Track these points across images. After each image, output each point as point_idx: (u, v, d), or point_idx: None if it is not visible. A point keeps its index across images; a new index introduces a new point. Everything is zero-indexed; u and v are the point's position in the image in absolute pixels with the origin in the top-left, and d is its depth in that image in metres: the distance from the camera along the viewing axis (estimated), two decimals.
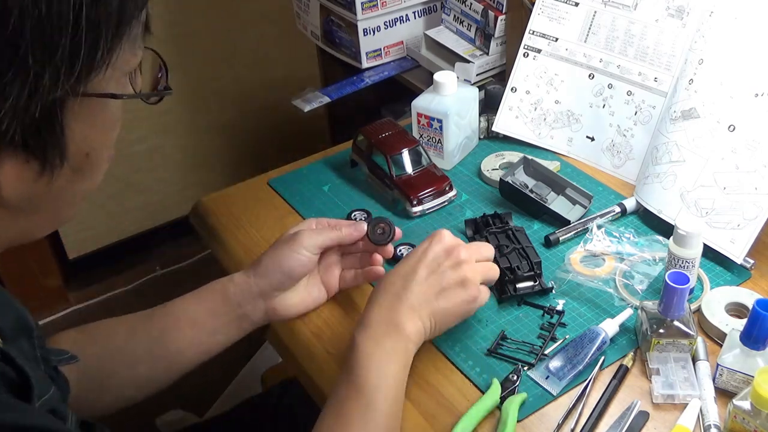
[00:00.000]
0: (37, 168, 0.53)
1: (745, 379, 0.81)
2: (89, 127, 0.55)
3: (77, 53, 0.49)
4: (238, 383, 1.81)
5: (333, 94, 1.53)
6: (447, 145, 1.20)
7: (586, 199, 1.10)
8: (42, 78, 0.48)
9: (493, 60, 1.42)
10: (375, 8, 1.52)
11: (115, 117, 0.58)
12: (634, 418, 0.82)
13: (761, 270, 1.00)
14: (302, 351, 0.94)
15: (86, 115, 0.54)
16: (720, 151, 1.02)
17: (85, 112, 0.53)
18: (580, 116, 1.22)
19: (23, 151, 0.51)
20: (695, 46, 1.10)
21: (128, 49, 0.54)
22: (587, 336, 0.89)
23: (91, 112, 0.54)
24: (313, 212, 1.15)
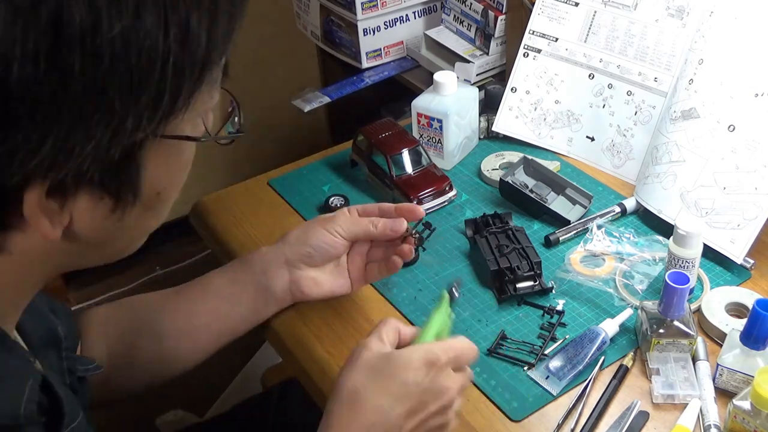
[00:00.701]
0: (111, 205, 0.53)
1: (745, 379, 0.81)
2: (163, 168, 0.55)
3: (161, 98, 0.49)
4: (238, 383, 1.81)
5: (333, 94, 1.53)
6: (447, 145, 1.20)
7: (586, 199, 1.10)
8: (125, 122, 0.48)
9: (493, 60, 1.42)
10: (375, 8, 1.52)
11: (187, 158, 0.58)
12: (634, 418, 0.82)
13: (761, 270, 1.00)
14: (302, 351, 0.94)
15: (162, 156, 0.54)
16: (720, 151, 1.02)
17: (161, 153, 0.54)
18: (580, 116, 1.22)
19: (99, 189, 0.51)
20: (695, 46, 1.10)
21: (206, 92, 0.54)
22: (587, 336, 0.89)
23: (166, 153, 0.55)
24: (313, 212, 1.15)
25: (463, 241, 1.07)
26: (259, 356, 1.82)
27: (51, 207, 0.50)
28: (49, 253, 0.55)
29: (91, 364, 0.74)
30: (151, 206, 0.57)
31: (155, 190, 0.56)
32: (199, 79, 0.52)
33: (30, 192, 0.48)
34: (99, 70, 0.45)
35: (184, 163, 0.58)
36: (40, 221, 0.50)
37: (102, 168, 0.50)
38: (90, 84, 0.45)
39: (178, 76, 0.49)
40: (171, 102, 0.50)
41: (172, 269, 2.22)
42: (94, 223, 0.53)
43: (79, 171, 0.48)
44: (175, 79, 0.49)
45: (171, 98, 0.50)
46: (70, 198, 0.51)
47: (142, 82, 0.47)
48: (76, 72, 0.44)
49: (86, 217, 0.52)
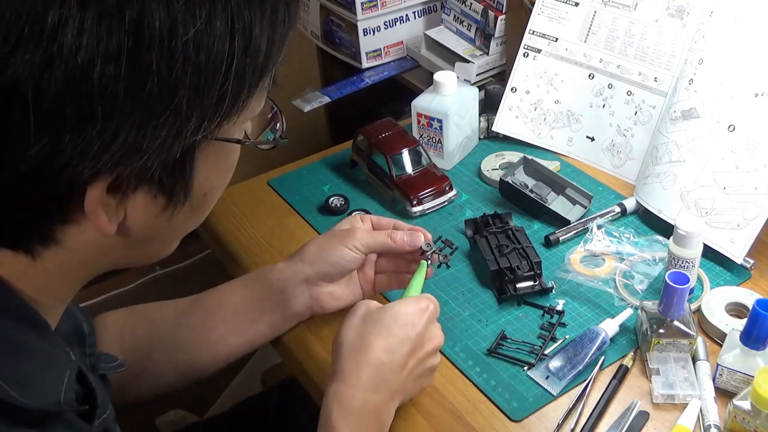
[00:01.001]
0: (163, 203, 0.55)
1: (745, 379, 0.81)
2: (213, 169, 0.57)
3: (223, 101, 0.51)
4: (238, 383, 1.81)
5: (333, 94, 1.53)
6: (447, 145, 1.20)
7: (586, 199, 1.10)
8: (190, 122, 0.50)
9: (493, 60, 1.42)
10: (375, 8, 1.52)
11: (234, 161, 0.60)
12: (634, 418, 0.82)
13: (761, 270, 1.00)
14: (302, 351, 0.94)
15: (213, 158, 0.56)
16: (720, 151, 1.02)
17: (212, 155, 0.56)
18: (580, 116, 1.22)
19: (156, 187, 0.53)
20: (695, 46, 1.10)
21: (257, 98, 0.57)
22: (587, 336, 0.89)
23: (217, 156, 0.57)
24: (313, 212, 1.15)
25: (463, 241, 1.07)
26: (259, 356, 1.82)
27: (110, 203, 0.52)
28: (99, 249, 0.56)
29: (114, 362, 0.75)
30: (197, 207, 0.59)
31: (203, 190, 0.58)
32: (256, 85, 0.54)
33: (94, 187, 0.50)
34: (173, 70, 0.48)
35: (230, 165, 0.60)
36: (99, 216, 0.52)
37: (162, 166, 0.52)
38: (164, 83, 0.48)
39: (239, 81, 0.51)
40: (230, 105, 0.52)
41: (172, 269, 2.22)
42: (146, 221, 0.55)
43: (143, 168, 0.50)
44: (236, 84, 0.51)
45: (231, 102, 0.52)
46: (129, 195, 0.53)
47: (208, 84, 0.50)
48: (153, 71, 0.47)
49: (140, 214, 0.54)
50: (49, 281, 0.58)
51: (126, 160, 0.49)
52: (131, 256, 0.61)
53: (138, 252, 0.61)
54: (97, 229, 0.52)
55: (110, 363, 0.75)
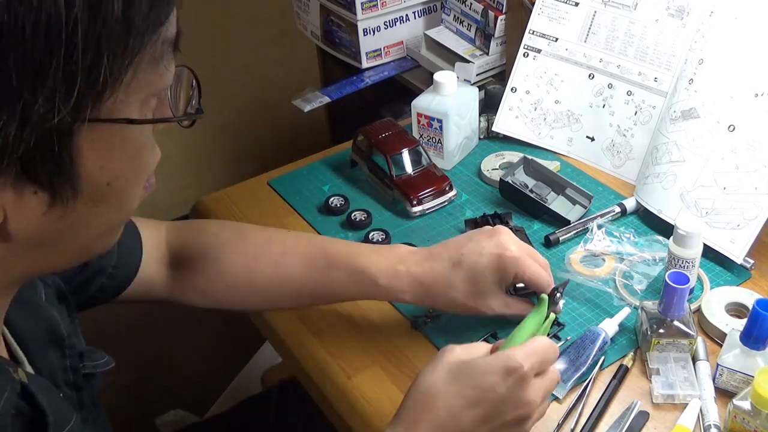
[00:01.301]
0: (47, 200, 0.48)
1: (745, 379, 0.81)
2: (108, 156, 0.49)
3: (73, 77, 0.44)
4: (238, 383, 1.81)
5: (333, 94, 1.53)
6: (447, 145, 1.20)
7: (586, 199, 1.10)
8: (33, 106, 0.43)
9: (493, 60, 1.42)
10: (375, 8, 1.52)
11: (139, 143, 0.52)
12: (634, 418, 0.82)
13: (761, 270, 1.00)
14: (302, 351, 0.94)
15: (102, 143, 0.48)
16: (720, 151, 1.02)
17: (100, 140, 0.48)
18: (580, 116, 1.22)
19: (28, 182, 0.46)
20: (695, 46, 1.10)
21: (150, 70, 0.49)
22: (588, 337, 0.89)
23: (108, 140, 0.49)
24: (313, 212, 1.15)
25: None
26: (259, 356, 1.82)
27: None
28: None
29: (101, 359, 0.72)
30: (102, 199, 0.51)
31: (103, 181, 0.50)
32: (125, 56, 0.46)
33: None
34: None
35: (134, 149, 0.52)
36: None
37: (21, 158, 0.45)
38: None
39: (91, 50, 0.44)
40: (89, 81, 0.45)
41: None
42: (30, 221, 0.48)
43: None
44: (88, 54, 0.44)
45: (87, 79, 0.44)
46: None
47: (44, 61, 0.42)
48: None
49: (19, 214, 0.47)
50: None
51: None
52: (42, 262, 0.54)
53: (46, 256, 0.53)
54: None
55: (97, 361, 0.72)
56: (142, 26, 0.46)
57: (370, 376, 0.89)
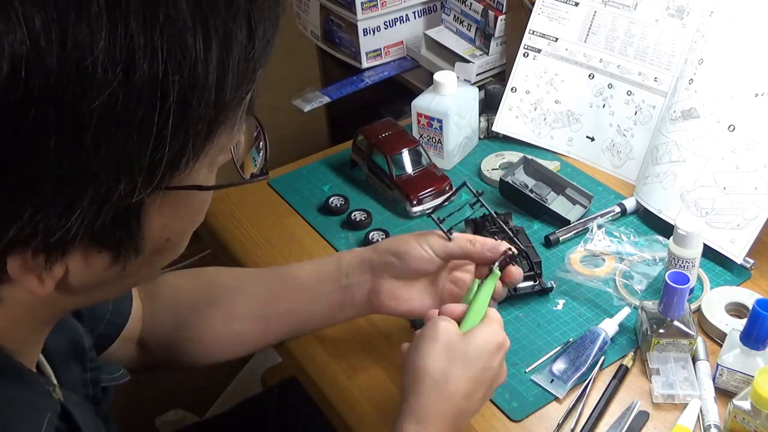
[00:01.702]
0: (110, 259, 0.49)
1: (745, 379, 0.81)
2: (172, 217, 0.50)
3: (159, 163, 0.43)
4: (238, 383, 1.81)
5: (333, 94, 1.53)
6: (447, 145, 1.20)
7: (586, 199, 1.10)
8: (115, 190, 0.43)
9: (493, 60, 1.42)
10: (375, 8, 1.52)
11: (202, 202, 0.53)
12: (634, 418, 0.82)
13: (761, 270, 1.00)
14: (302, 351, 0.94)
15: (169, 207, 0.49)
16: (720, 151, 1.02)
17: (166, 204, 0.49)
18: (580, 116, 1.22)
19: (95, 245, 0.47)
20: (695, 46, 1.10)
21: (225, 135, 0.48)
22: (588, 337, 0.89)
23: (175, 204, 0.50)
24: (313, 212, 1.15)
25: None
26: (259, 356, 1.82)
27: (39, 264, 0.46)
28: (45, 302, 0.52)
29: (117, 372, 0.74)
30: (160, 252, 0.53)
31: (164, 237, 0.51)
32: (208, 136, 0.46)
33: (12, 256, 0.45)
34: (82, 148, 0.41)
35: (197, 208, 0.53)
36: (28, 280, 0.47)
37: (92, 232, 0.45)
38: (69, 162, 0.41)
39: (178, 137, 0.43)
40: (171, 165, 0.45)
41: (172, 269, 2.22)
42: (92, 276, 0.50)
43: (64, 238, 0.44)
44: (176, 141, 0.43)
45: (171, 163, 0.45)
46: (59, 258, 0.47)
47: (132, 154, 0.42)
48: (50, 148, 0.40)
49: (83, 271, 0.48)
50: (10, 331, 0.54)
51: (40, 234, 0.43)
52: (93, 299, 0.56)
53: (99, 295, 0.55)
54: (28, 291, 0.47)
55: (113, 374, 0.73)
56: (228, 105, 0.46)
57: (370, 377, 0.89)
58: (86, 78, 0.39)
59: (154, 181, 0.44)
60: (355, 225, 1.11)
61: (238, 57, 0.45)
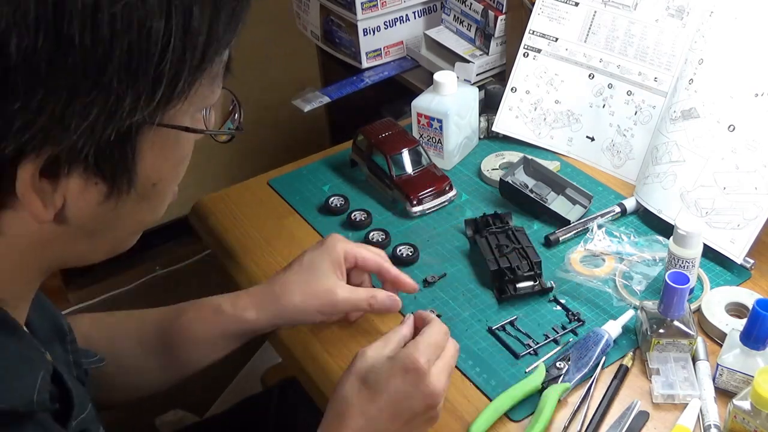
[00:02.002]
0: (105, 190, 0.53)
1: (745, 379, 0.81)
2: (160, 158, 0.55)
3: (160, 81, 0.49)
4: (238, 383, 1.81)
5: (333, 94, 1.53)
6: (447, 145, 1.20)
7: (586, 199, 1.10)
8: (123, 102, 0.48)
9: (493, 60, 1.42)
10: (375, 8, 1.51)
11: (185, 151, 0.58)
12: (634, 418, 0.82)
13: (761, 270, 1.00)
14: (302, 351, 0.94)
15: (159, 145, 0.54)
16: (720, 151, 1.02)
17: (158, 142, 0.54)
18: (580, 116, 1.22)
19: (93, 174, 0.51)
20: (695, 46, 1.10)
21: (207, 86, 0.54)
22: (591, 338, 0.89)
23: (164, 143, 0.54)
24: (313, 212, 1.15)
25: (463, 241, 1.07)
26: (259, 356, 1.82)
27: (44, 187, 0.50)
28: (41, 239, 0.55)
29: (94, 357, 0.75)
30: (146, 197, 0.56)
31: (151, 180, 0.55)
32: (199, 69, 0.51)
33: (23, 168, 0.48)
34: (98, 44, 0.45)
35: (181, 156, 0.58)
36: (33, 201, 0.50)
37: (97, 148, 0.49)
38: (89, 58, 0.45)
39: (177, 63, 0.49)
40: (169, 88, 0.50)
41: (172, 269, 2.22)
42: (87, 209, 0.53)
43: (74, 148, 0.48)
44: (174, 65, 0.49)
45: (169, 84, 0.49)
46: (63, 179, 0.50)
47: (140, 63, 0.47)
48: (75, 44, 0.44)
49: (79, 201, 0.52)
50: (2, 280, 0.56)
51: (52, 138, 0.47)
52: (81, 250, 0.59)
53: (87, 245, 0.59)
54: (31, 214, 0.51)
55: (90, 358, 0.74)
56: (216, 43, 0.52)
57: None
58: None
59: (154, 100, 0.49)
60: (355, 225, 1.11)
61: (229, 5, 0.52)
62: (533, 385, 0.84)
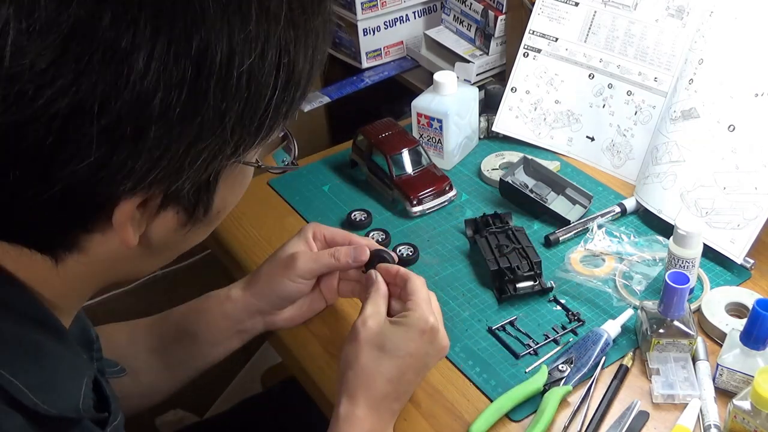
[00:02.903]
0: (183, 220, 0.57)
1: (745, 379, 0.81)
2: (230, 190, 0.60)
3: (261, 128, 0.53)
4: (238, 383, 1.81)
5: (333, 94, 1.53)
6: (447, 145, 1.20)
7: (586, 199, 1.10)
8: (228, 147, 0.52)
9: (493, 60, 1.42)
10: (375, 8, 1.52)
11: (248, 182, 0.63)
12: (634, 418, 0.82)
13: (761, 270, 1.00)
14: (302, 351, 0.94)
15: (232, 180, 0.59)
16: (720, 151, 1.02)
17: (232, 177, 0.58)
18: (580, 116, 1.22)
19: (178, 203, 0.55)
20: (695, 46, 1.10)
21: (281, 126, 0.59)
22: (590, 338, 0.89)
23: (236, 177, 0.59)
24: (313, 212, 1.15)
25: (463, 241, 1.07)
26: (259, 356, 1.82)
27: (136, 217, 0.53)
28: (117, 258, 0.57)
29: (116, 367, 0.76)
30: (210, 224, 0.61)
31: (218, 209, 0.59)
32: (286, 117, 0.56)
33: (127, 202, 0.51)
34: (225, 99, 0.49)
35: (245, 186, 0.63)
36: (126, 229, 0.53)
37: (191, 187, 0.54)
38: (216, 111, 0.49)
39: (276, 112, 0.53)
40: (265, 132, 0.54)
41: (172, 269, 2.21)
42: (164, 234, 0.57)
43: (179, 187, 0.52)
44: (274, 114, 0.53)
45: (267, 129, 0.54)
46: (154, 210, 0.54)
47: (251, 114, 0.52)
48: (209, 99, 0.48)
49: (161, 228, 0.56)
50: (67, 288, 0.58)
51: (166, 179, 0.51)
52: (140, 268, 0.63)
53: (147, 263, 0.62)
54: (121, 240, 0.54)
55: (113, 368, 0.75)
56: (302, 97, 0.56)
57: None
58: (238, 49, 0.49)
59: (253, 144, 0.54)
60: (355, 225, 1.11)
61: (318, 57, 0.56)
62: (535, 387, 0.84)
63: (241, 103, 0.50)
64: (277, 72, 0.51)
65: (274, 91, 0.52)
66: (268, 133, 0.55)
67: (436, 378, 0.87)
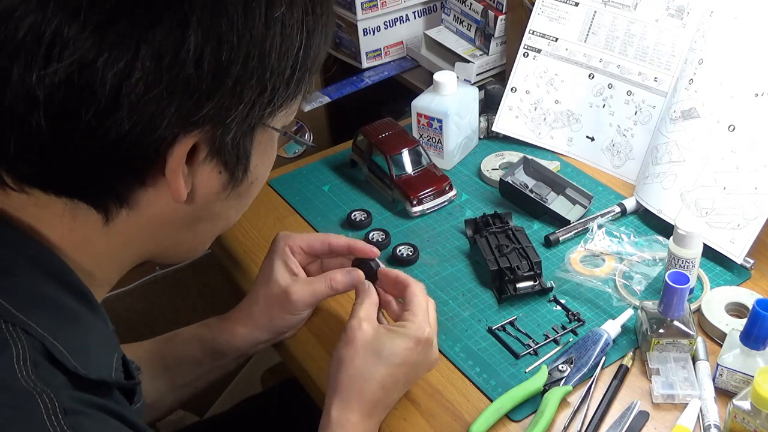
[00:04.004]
0: (225, 181, 0.60)
1: (745, 379, 0.81)
2: (261, 157, 0.63)
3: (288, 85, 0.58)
4: (238, 383, 1.81)
5: (333, 94, 1.53)
6: (447, 145, 1.20)
7: (586, 199, 1.10)
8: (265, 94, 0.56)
9: (493, 60, 1.42)
10: (375, 8, 1.52)
11: (275, 155, 0.67)
12: (634, 418, 0.82)
13: (761, 270, 1.00)
14: (302, 351, 0.94)
15: (263, 146, 0.62)
16: (720, 151, 1.02)
17: (263, 143, 0.62)
18: (580, 116, 1.22)
19: (223, 162, 0.59)
20: (695, 46, 1.10)
21: (299, 100, 0.63)
22: (590, 338, 0.89)
23: (265, 144, 0.63)
24: (313, 212, 1.15)
25: (463, 241, 1.07)
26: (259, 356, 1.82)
27: (184, 170, 0.57)
28: (164, 221, 0.61)
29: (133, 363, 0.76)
30: (242, 195, 0.64)
31: (251, 179, 0.63)
32: (307, 80, 0.60)
33: (178, 147, 0.54)
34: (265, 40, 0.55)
35: (272, 160, 0.66)
36: (177, 179, 0.56)
37: (232, 140, 0.57)
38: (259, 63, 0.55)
39: (299, 70, 0.58)
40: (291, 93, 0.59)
41: (171, 269, 2.22)
42: (208, 195, 0.60)
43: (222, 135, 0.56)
44: (297, 71, 0.58)
45: (293, 89, 0.59)
46: (199, 165, 0.57)
47: (282, 64, 0.57)
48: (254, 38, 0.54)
49: (205, 187, 0.59)
50: (110, 252, 0.61)
51: (215, 119, 0.55)
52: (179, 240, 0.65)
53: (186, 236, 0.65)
54: (172, 192, 0.57)
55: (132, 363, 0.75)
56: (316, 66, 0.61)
57: None
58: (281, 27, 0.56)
59: (281, 99, 0.58)
60: (355, 225, 1.11)
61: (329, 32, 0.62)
62: (535, 387, 0.84)
63: (277, 49, 0.55)
64: (299, 29, 0.57)
65: (298, 47, 0.57)
66: (296, 92, 0.59)
67: (436, 378, 0.87)
